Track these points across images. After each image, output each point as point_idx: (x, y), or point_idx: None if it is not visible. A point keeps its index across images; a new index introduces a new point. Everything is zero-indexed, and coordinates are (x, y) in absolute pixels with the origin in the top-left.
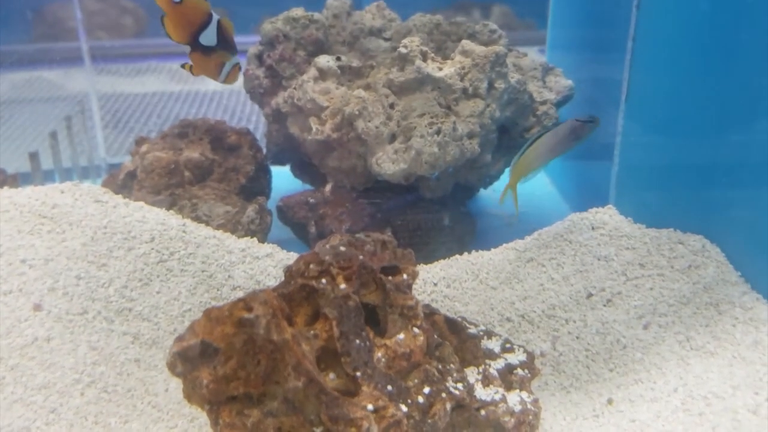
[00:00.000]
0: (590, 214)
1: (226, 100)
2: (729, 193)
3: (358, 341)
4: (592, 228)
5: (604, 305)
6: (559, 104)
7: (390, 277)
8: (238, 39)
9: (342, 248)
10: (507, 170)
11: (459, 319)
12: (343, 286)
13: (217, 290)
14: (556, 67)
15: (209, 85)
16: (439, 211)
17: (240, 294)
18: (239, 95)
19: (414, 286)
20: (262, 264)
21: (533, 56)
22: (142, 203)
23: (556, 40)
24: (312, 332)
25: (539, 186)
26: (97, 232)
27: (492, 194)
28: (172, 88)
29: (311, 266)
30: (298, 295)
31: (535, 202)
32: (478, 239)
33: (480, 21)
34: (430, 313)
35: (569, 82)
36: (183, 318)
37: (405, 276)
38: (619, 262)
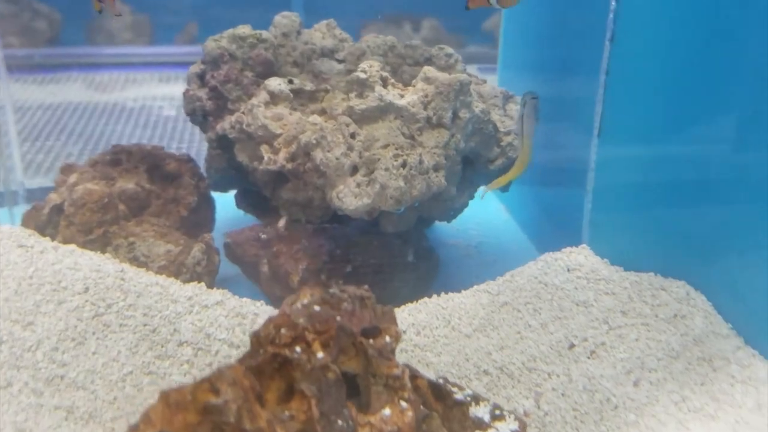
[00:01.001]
0: (564, 254)
1: (148, 112)
2: (714, 236)
3: (340, 422)
4: (568, 270)
5: (588, 357)
6: None
7: (371, 341)
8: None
9: (316, 307)
10: (470, 203)
11: (443, 383)
12: (320, 354)
13: (162, 347)
14: (515, 95)
15: (131, 95)
16: (401, 246)
17: (188, 351)
18: (162, 108)
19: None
20: (212, 314)
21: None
22: (73, 247)
23: (508, 61)
24: (287, 413)
25: (495, 215)
26: (21, 284)
27: (446, 224)
28: (95, 99)
29: (283, 331)
30: (268, 367)
31: (492, 232)
32: (440, 274)
33: (412, 36)
34: (413, 376)
35: None
36: (124, 383)
37: (388, 339)
38: (599, 309)
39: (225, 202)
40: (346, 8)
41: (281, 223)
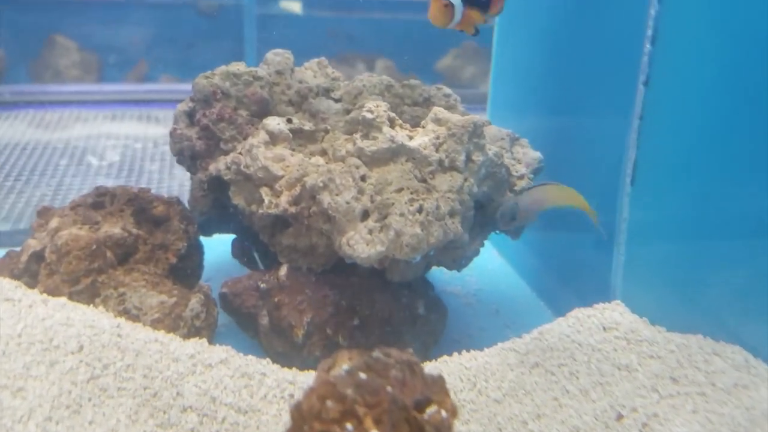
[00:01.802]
0: (596, 310)
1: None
2: None
3: None
4: (604, 329)
5: (641, 431)
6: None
7: (426, 416)
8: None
9: (362, 375)
10: (487, 244)
11: None
12: None
13: (164, 413)
14: (521, 138)
15: (75, 133)
16: (410, 297)
17: (193, 418)
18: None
19: None
20: (217, 374)
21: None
22: (64, 300)
23: (498, 99)
24: None
25: (489, 259)
26: (9, 343)
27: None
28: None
29: (329, 404)
30: None
31: (489, 278)
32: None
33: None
34: None
35: (538, 154)
36: None
37: (444, 414)
38: (645, 374)
39: (210, 245)
40: (299, 48)
41: (282, 271)
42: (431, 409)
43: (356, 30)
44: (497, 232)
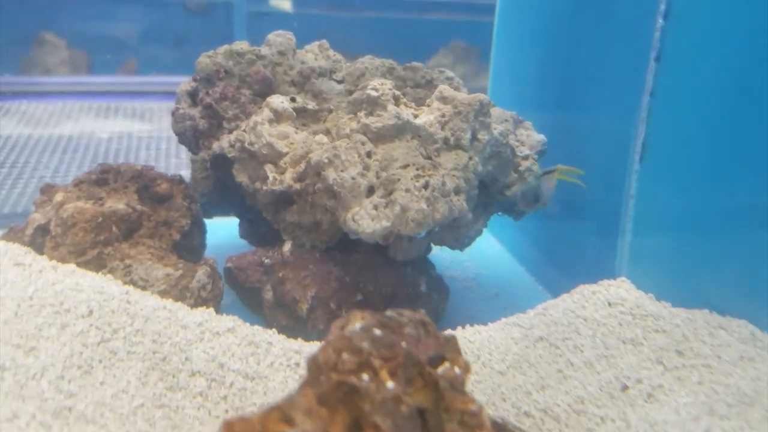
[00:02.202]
0: (602, 287)
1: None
2: None
3: None
4: (609, 304)
5: (646, 401)
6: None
7: (440, 371)
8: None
9: (377, 332)
10: (485, 230)
11: (505, 423)
12: (390, 384)
13: (174, 377)
14: (525, 120)
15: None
16: (413, 274)
17: (201, 382)
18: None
19: None
20: (224, 341)
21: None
22: (73, 266)
23: (499, 72)
24: None
25: (487, 245)
26: (21, 305)
27: (440, 252)
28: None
29: (345, 356)
30: (332, 397)
31: (488, 263)
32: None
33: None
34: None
35: (542, 137)
36: (135, 417)
37: (457, 370)
38: (650, 348)
39: (210, 228)
40: None
41: (287, 247)
42: (445, 366)
43: (346, 28)
44: (500, 213)
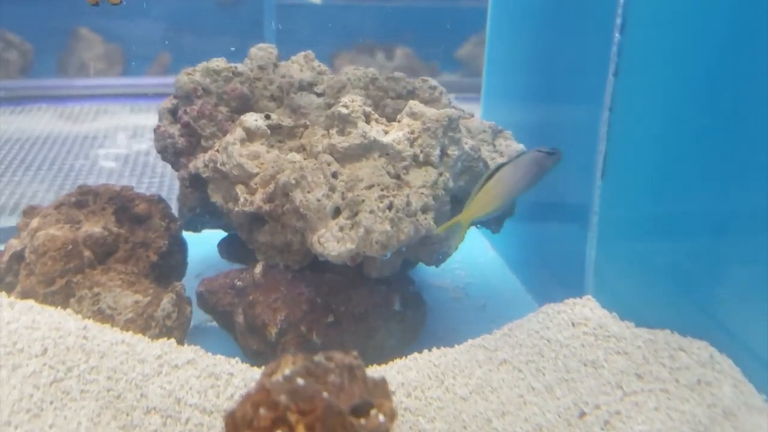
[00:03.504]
0: (567, 306)
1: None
2: (741, 291)
3: None
4: (573, 324)
5: (602, 429)
6: None
7: (363, 421)
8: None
9: (299, 381)
10: (479, 236)
11: None
12: None
13: (127, 415)
14: (505, 130)
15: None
16: (387, 293)
17: (156, 419)
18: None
19: None
20: (183, 375)
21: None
22: (32, 303)
23: (491, 89)
24: None
25: (481, 253)
26: None
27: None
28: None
29: (261, 412)
30: None
31: (479, 272)
32: (427, 320)
33: (386, 64)
34: None
35: (521, 146)
36: None
37: (381, 418)
38: (610, 371)
39: (198, 241)
40: (318, 38)
41: (258, 269)
42: (370, 414)
43: (376, 18)
44: (479, 226)
